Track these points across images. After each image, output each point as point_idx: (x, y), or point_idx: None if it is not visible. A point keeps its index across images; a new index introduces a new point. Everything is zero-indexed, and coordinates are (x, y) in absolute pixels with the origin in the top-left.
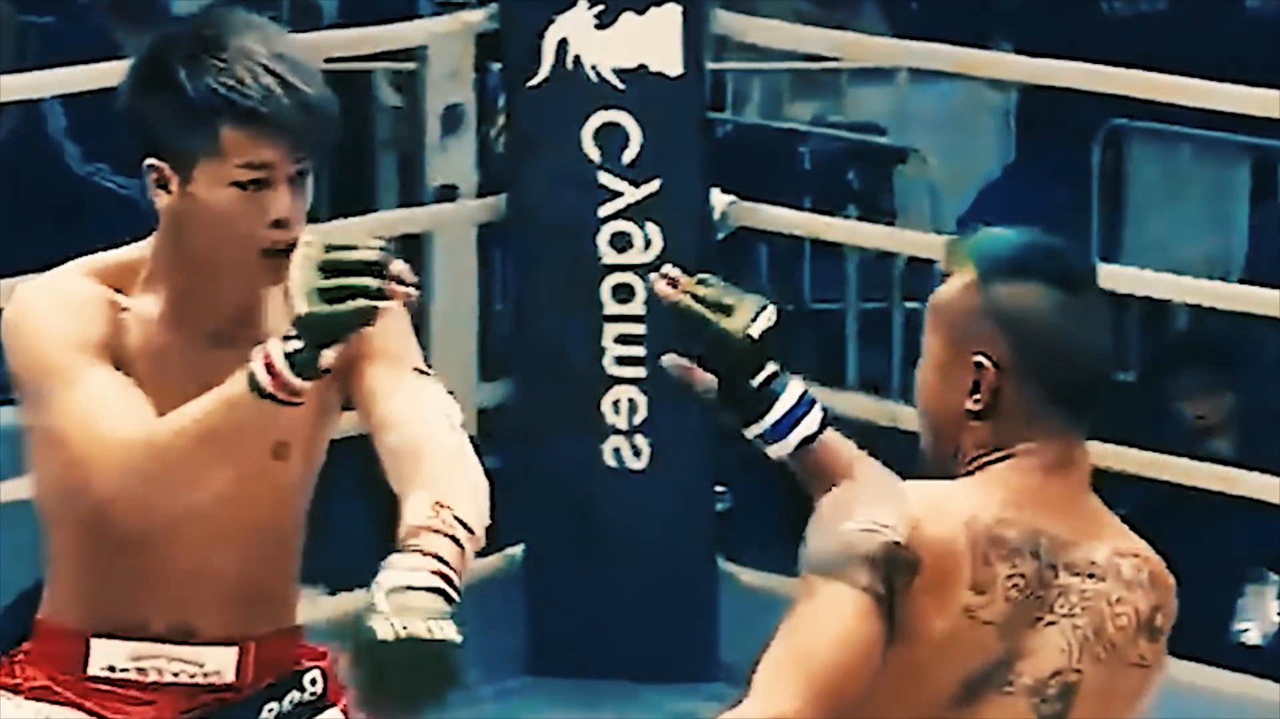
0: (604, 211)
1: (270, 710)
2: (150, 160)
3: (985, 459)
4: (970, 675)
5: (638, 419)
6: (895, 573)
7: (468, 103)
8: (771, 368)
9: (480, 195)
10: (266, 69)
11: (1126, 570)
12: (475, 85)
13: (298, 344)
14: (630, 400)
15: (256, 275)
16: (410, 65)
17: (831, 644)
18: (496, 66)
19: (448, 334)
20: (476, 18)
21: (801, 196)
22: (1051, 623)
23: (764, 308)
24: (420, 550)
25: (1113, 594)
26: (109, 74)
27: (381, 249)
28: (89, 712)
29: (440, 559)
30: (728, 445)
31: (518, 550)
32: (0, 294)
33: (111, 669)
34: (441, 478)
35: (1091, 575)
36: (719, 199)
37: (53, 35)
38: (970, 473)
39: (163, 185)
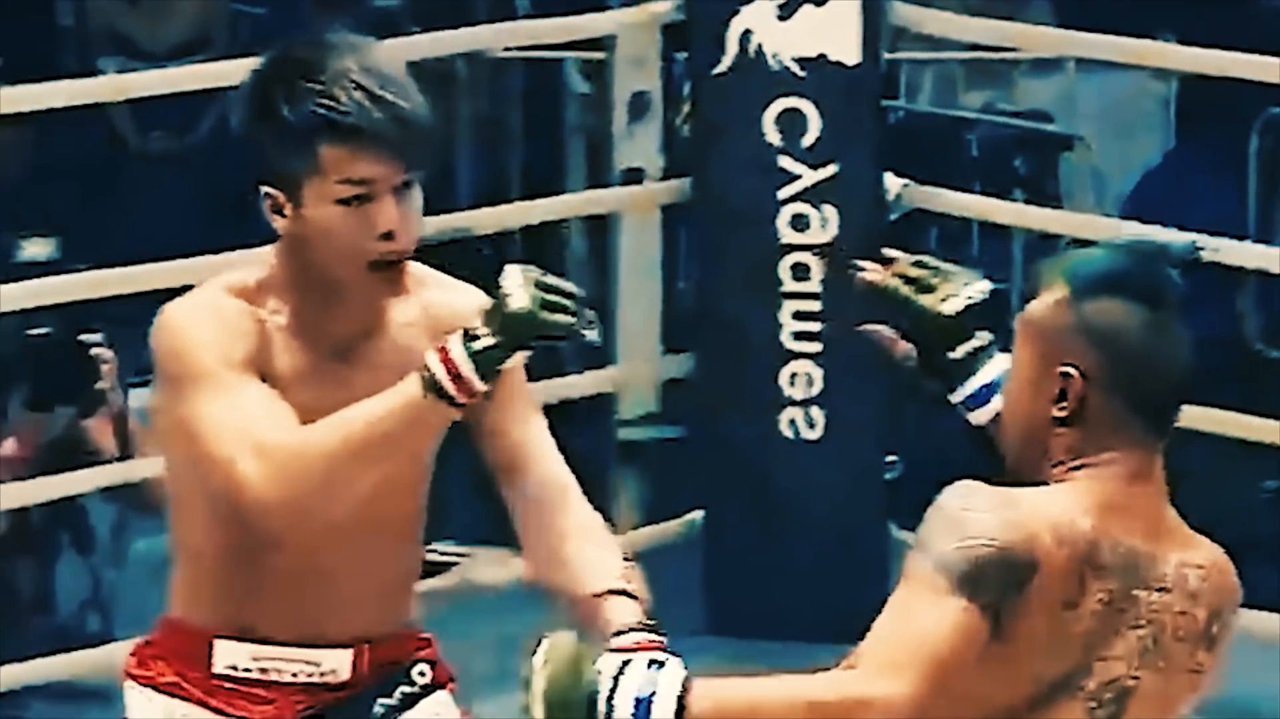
0: (783, 194)
1: (381, 704)
2: (264, 187)
3: (1070, 466)
4: (1052, 680)
5: (813, 391)
6: (1009, 584)
7: (654, 90)
8: (976, 341)
9: (665, 178)
10: (360, 86)
11: (1192, 582)
12: (661, 73)
13: (489, 341)
14: (806, 374)
15: (369, 289)
16: (599, 54)
17: (946, 638)
18: (682, 55)
19: (632, 310)
20: (663, 8)
21: (971, 181)
22: (1121, 634)
23: (972, 285)
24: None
25: (1176, 606)
26: None
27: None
28: (213, 708)
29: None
30: (899, 416)
31: (697, 516)
32: (202, 271)
33: (234, 668)
34: (591, 525)
35: (1161, 589)
36: (893, 182)
37: (262, 25)
38: (1058, 480)
39: (277, 210)
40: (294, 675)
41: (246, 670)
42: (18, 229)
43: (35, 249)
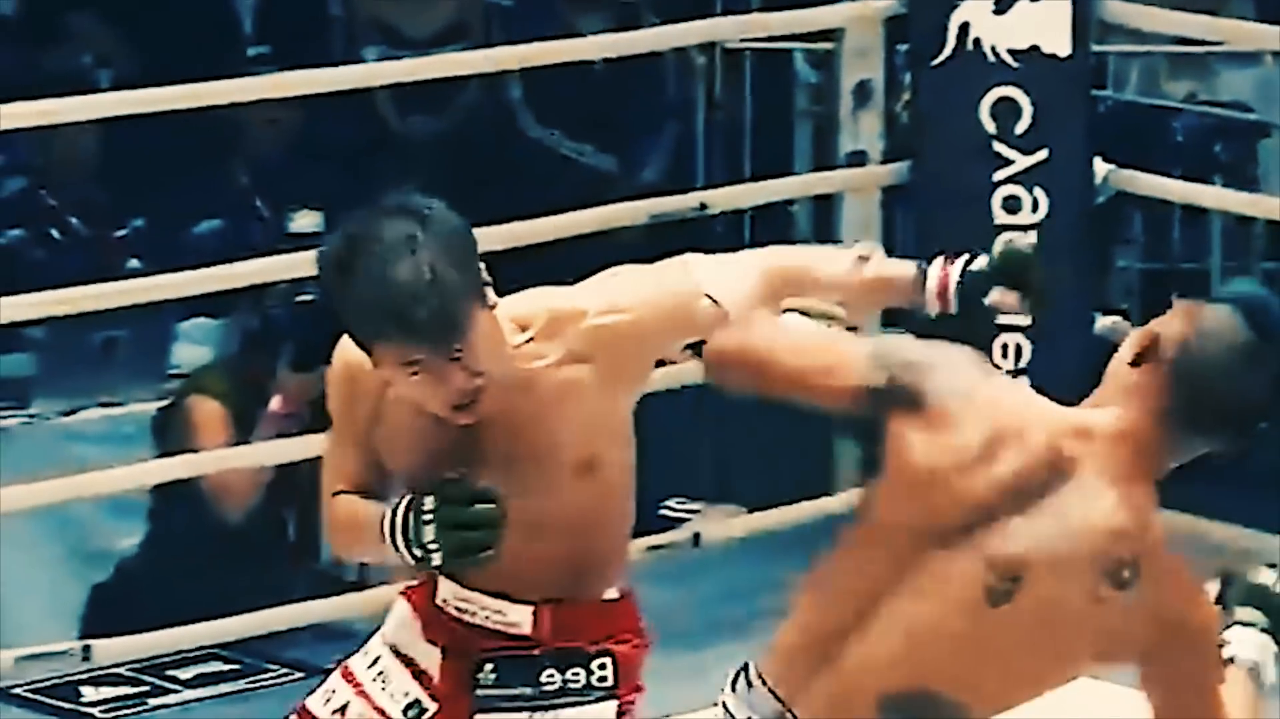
0: (997, 177)
1: (549, 676)
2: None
3: None
4: (942, 526)
5: (1021, 362)
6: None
7: (877, 79)
8: None
9: (885, 161)
10: (402, 285)
11: (1115, 518)
12: (884, 63)
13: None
14: (1015, 345)
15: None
16: (827, 45)
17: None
18: (903, 47)
19: None
20: (887, 3)
21: (1173, 166)
22: (1029, 517)
23: None
24: None
25: (1095, 522)
26: (562, 50)
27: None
28: (429, 638)
29: None
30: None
31: None
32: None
33: (445, 602)
34: None
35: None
36: (1100, 167)
37: (512, 17)
38: None
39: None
40: (485, 619)
41: (450, 605)
42: (288, 203)
43: (303, 222)
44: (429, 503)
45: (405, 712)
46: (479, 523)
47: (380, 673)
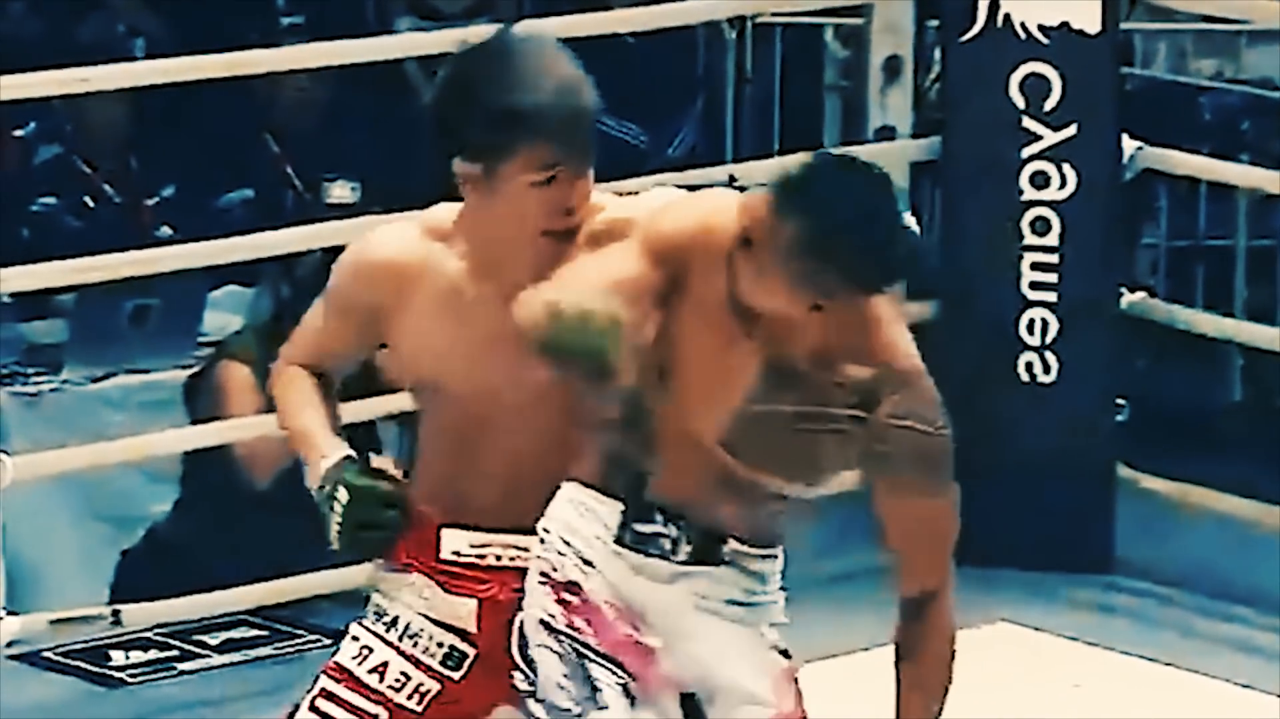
0: (1026, 153)
1: None
2: (457, 163)
3: None
4: None
5: (1049, 338)
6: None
7: (906, 54)
8: None
9: (915, 137)
10: (553, 89)
11: None
12: (914, 39)
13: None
14: (1043, 321)
15: (544, 251)
16: (857, 20)
17: None
18: (933, 23)
19: None
20: None
21: (1200, 143)
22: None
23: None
24: None
25: None
26: (593, 24)
27: None
28: (456, 591)
29: None
30: (1128, 362)
31: None
32: None
33: (457, 554)
34: None
35: None
36: (1128, 144)
37: None
38: None
39: (468, 181)
40: (511, 560)
41: (466, 556)
42: (319, 172)
43: (339, 192)
44: (341, 494)
45: (444, 662)
46: (382, 525)
47: (406, 632)
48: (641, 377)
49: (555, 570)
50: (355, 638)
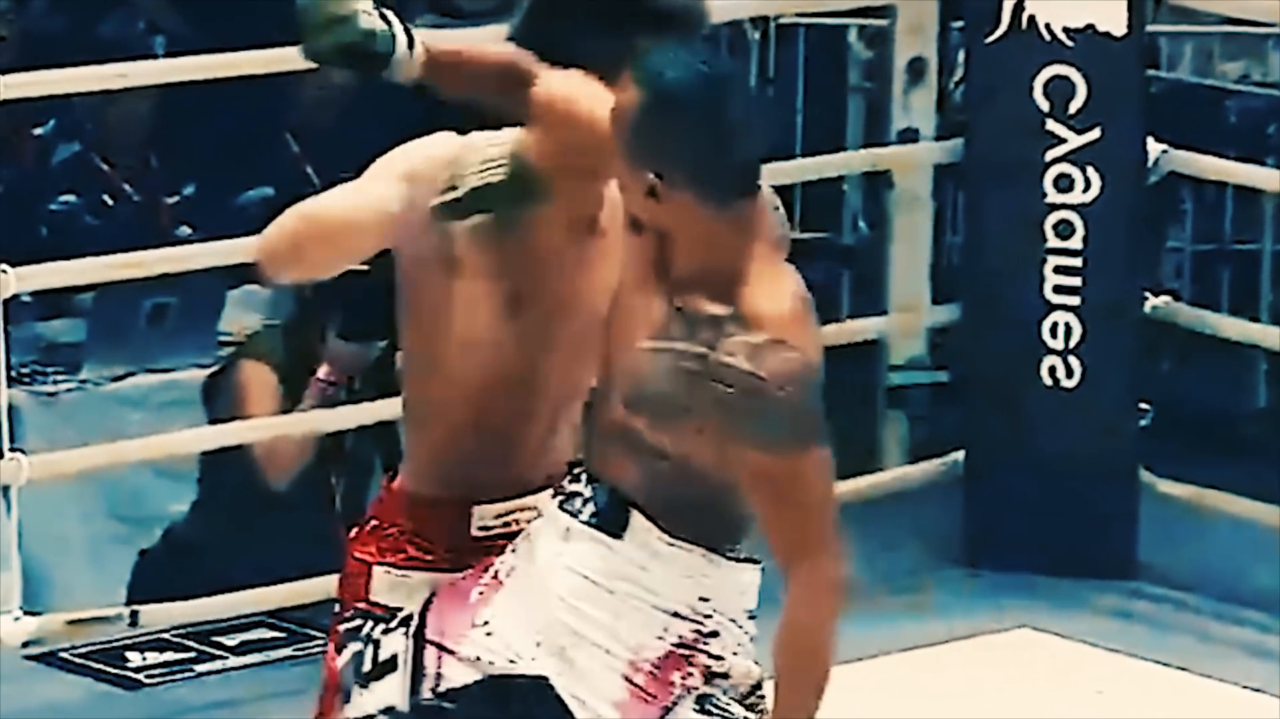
0: (1050, 156)
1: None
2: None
3: None
4: None
5: (1072, 342)
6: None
7: (930, 56)
8: None
9: (938, 139)
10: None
11: None
12: (938, 40)
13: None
14: (1066, 325)
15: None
16: (881, 21)
17: None
18: (957, 24)
19: (904, 261)
20: None
21: (1226, 147)
22: None
23: None
24: None
25: None
26: None
27: None
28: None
29: None
30: (1152, 367)
31: (958, 457)
32: None
33: (485, 530)
34: None
35: None
36: (1153, 147)
37: None
38: None
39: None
40: (528, 522)
41: (493, 529)
42: (340, 171)
43: None
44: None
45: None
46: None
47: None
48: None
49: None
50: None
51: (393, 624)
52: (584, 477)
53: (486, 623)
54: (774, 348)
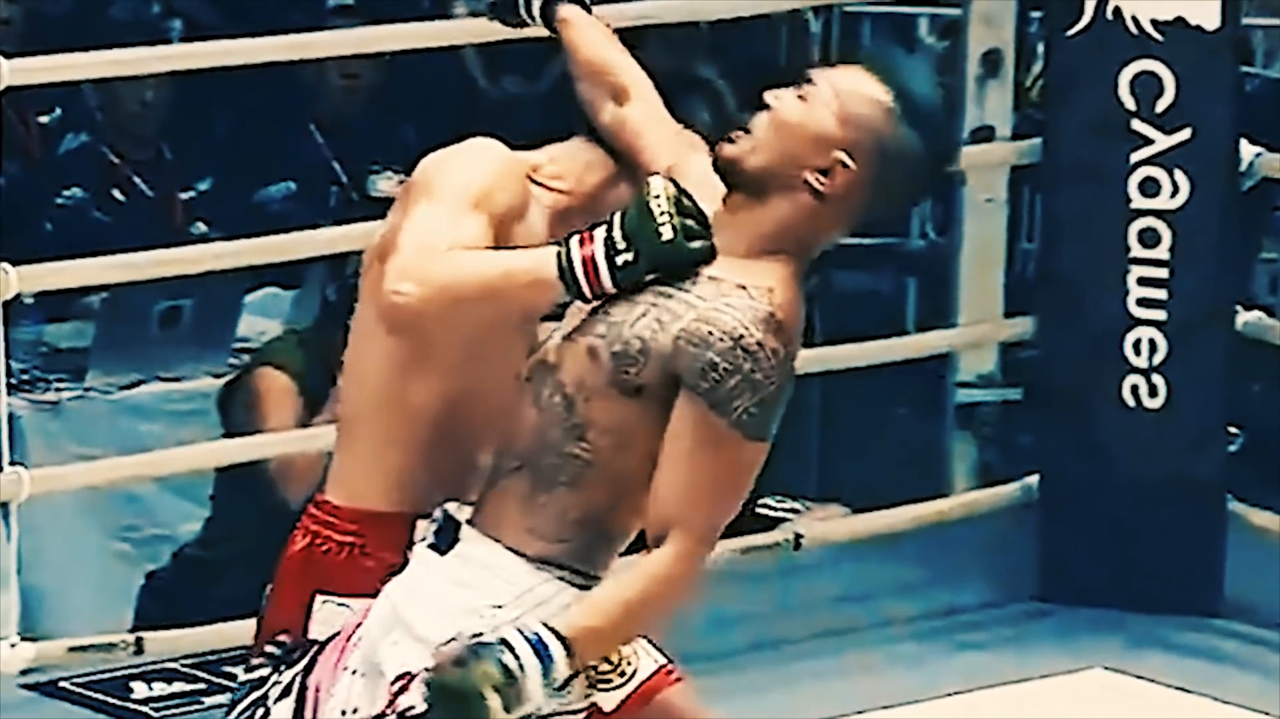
0: (1135, 158)
1: None
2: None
3: None
4: None
5: (1157, 359)
6: None
7: (1006, 48)
8: None
9: (1014, 138)
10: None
11: None
12: (1015, 31)
13: (631, 259)
14: (1150, 340)
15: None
16: (953, 10)
17: None
18: (1036, 14)
19: (976, 268)
20: None
21: None
22: None
23: None
24: None
25: None
26: (665, 10)
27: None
28: None
29: None
30: (1243, 387)
31: (1033, 482)
32: None
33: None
34: None
35: None
36: (1246, 149)
37: None
38: None
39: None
40: None
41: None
42: (366, 166)
43: (387, 186)
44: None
45: None
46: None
47: None
48: None
49: None
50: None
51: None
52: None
53: (352, 669)
54: (778, 327)
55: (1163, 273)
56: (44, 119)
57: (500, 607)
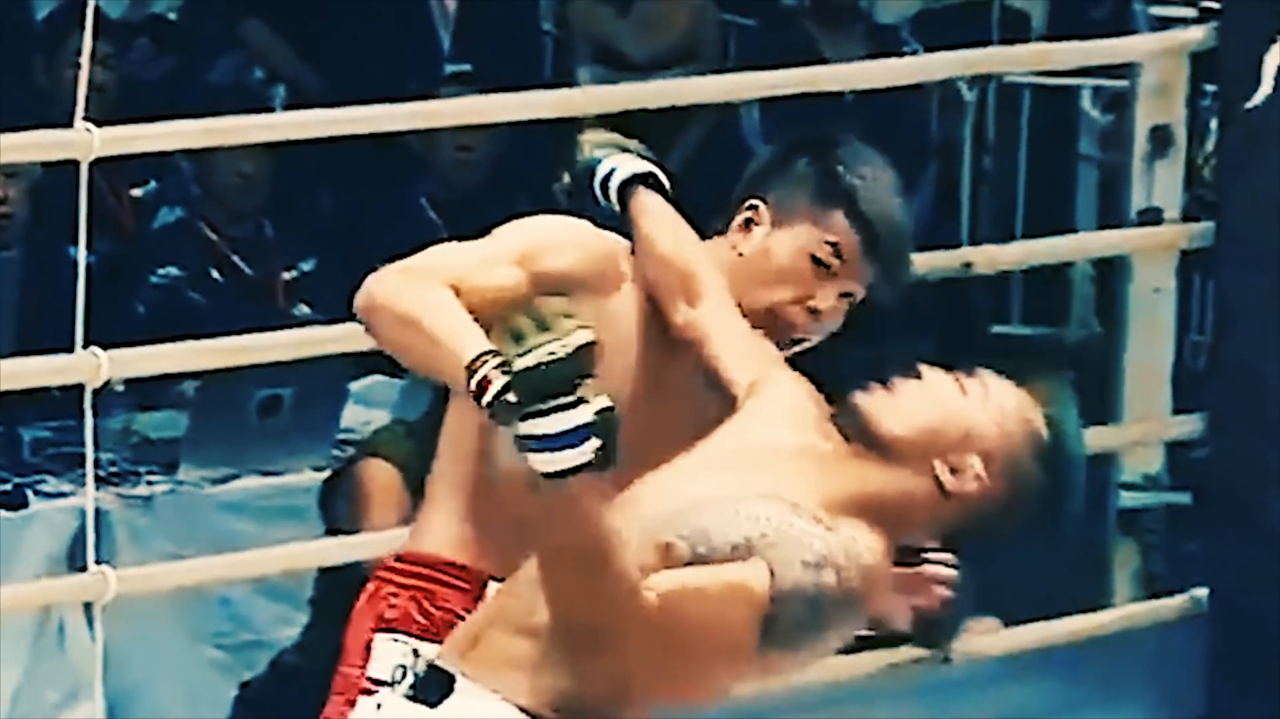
0: None
1: None
2: (754, 200)
3: None
4: None
5: None
6: None
7: (1177, 123)
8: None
9: (1185, 220)
10: (893, 207)
11: None
12: (1187, 105)
13: (510, 398)
14: None
15: (749, 322)
16: (1120, 82)
17: None
18: (1210, 87)
19: (1141, 361)
20: (1194, 36)
21: None
22: None
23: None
24: None
25: None
26: (809, 79)
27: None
28: None
29: None
30: None
31: (1201, 593)
32: None
33: None
34: None
35: None
36: None
37: (751, 37)
38: None
39: (749, 224)
40: None
41: None
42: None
43: None
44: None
45: None
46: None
47: None
48: None
49: None
50: None
51: None
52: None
53: None
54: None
55: None
56: (137, 192)
57: None
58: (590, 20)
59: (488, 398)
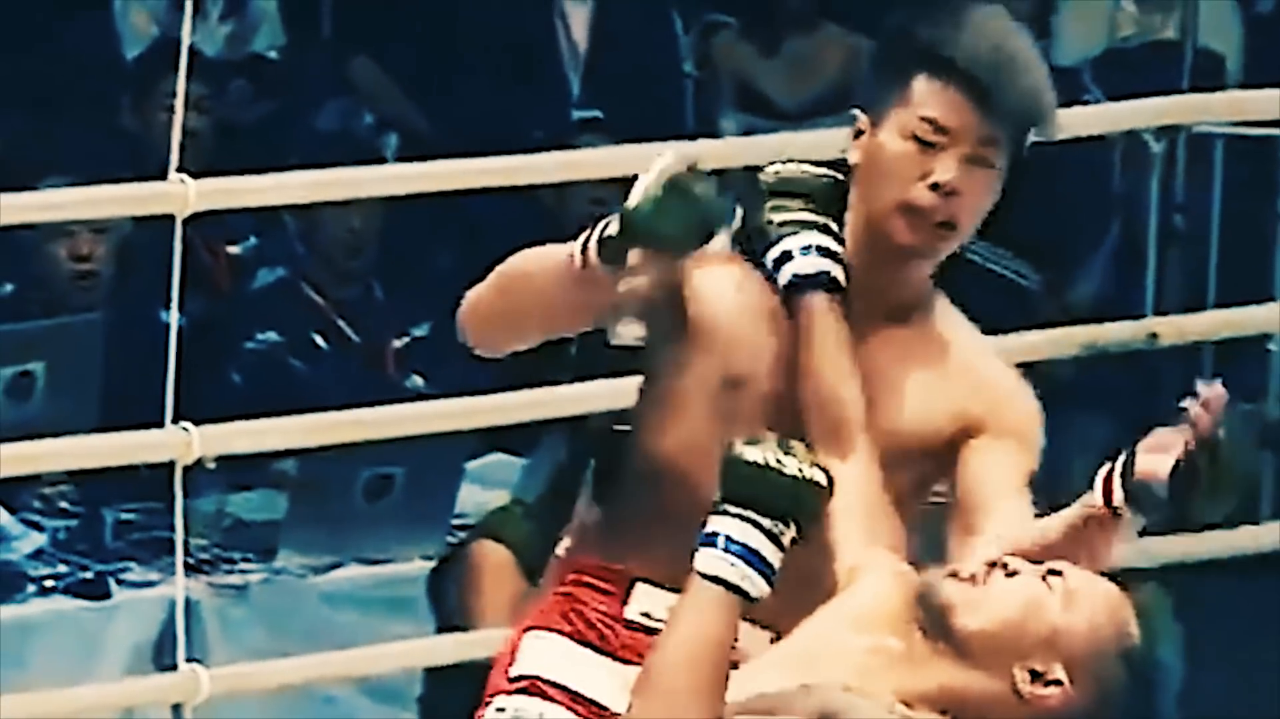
0: None
1: None
2: (856, 111)
3: None
4: None
5: None
6: None
7: None
8: None
9: None
10: (988, 40)
11: None
12: None
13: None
14: None
15: (892, 235)
16: None
17: None
18: None
19: None
20: None
21: None
22: None
23: None
24: None
25: None
26: None
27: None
28: (616, 655)
29: None
30: None
31: None
32: None
33: (647, 615)
34: None
35: None
36: None
37: None
38: None
39: (858, 135)
40: None
41: (656, 619)
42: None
43: (628, 331)
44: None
45: None
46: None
47: None
48: None
49: None
50: None
51: None
52: None
53: None
54: None
55: None
56: (235, 249)
57: None
58: (735, 63)
59: (595, 236)
